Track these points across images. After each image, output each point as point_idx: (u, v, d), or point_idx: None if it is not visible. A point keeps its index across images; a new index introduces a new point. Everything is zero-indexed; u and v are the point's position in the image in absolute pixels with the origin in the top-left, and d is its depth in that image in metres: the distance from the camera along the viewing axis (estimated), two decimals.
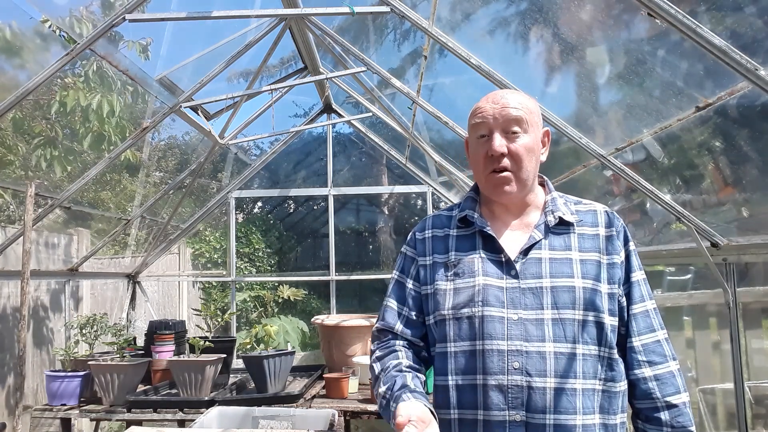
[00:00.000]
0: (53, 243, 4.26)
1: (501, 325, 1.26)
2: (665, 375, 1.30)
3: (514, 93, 1.37)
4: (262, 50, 3.43)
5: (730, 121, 2.18)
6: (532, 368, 1.23)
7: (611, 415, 1.27)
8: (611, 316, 1.29)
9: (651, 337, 1.33)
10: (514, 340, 1.25)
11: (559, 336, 1.24)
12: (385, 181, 6.22)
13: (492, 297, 1.28)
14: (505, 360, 1.24)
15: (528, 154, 1.32)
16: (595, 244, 1.33)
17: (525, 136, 1.32)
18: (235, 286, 5.52)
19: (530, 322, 1.26)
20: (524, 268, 1.30)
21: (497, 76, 2.75)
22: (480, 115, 1.34)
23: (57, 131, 3.48)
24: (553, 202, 1.38)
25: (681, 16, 1.69)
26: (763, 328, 2.71)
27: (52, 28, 2.84)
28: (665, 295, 3.59)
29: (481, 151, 1.35)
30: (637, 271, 1.35)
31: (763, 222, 2.50)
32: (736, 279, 2.63)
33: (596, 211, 1.39)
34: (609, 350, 1.28)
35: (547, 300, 1.27)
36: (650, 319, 1.34)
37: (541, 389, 1.22)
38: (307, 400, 3.19)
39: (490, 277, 1.31)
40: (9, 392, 3.69)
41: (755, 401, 2.62)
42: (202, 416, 2.28)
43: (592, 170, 3.23)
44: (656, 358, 1.31)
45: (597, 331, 1.27)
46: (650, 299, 1.35)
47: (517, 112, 1.31)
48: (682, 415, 1.28)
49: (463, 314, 1.30)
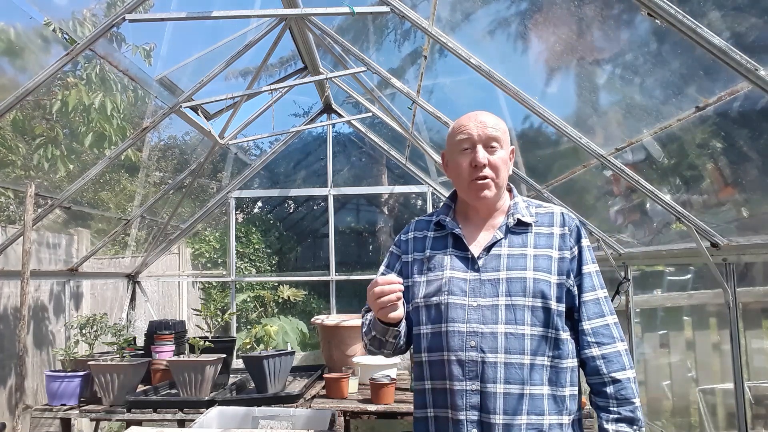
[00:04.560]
0: (53, 243, 4.26)
1: (462, 311, 1.49)
2: (612, 354, 1.49)
3: (491, 115, 1.61)
4: (262, 50, 3.43)
5: (730, 121, 2.18)
6: (486, 346, 1.46)
7: (559, 387, 1.47)
8: (558, 302, 1.49)
9: (600, 321, 1.52)
10: (472, 323, 1.48)
11: (510, 319, 1.46)
12: (385, 181, 6.22)
13: (456, 288, 1.52)
14: (464, 339, 1.48)
15: (503, 165, 1.57)
16: (548, 241, 1.55)
17: (501, 151, 1.56)
18: (235, 286, 5.53)
19: (487, 308, 1.48)
20: (485, 263, 1.53)
21: (497, 76, 2.75)
22: (465, 132, 1.57)
23: (57, 131, 3.48)
24: (515, 206, 1.61)
25: (681, 16, 1.69)
26: (763, 328, 2.72)
27: (54, 30, 2.85)
28: (665, 295, 3.59)
29: (465, 161, 1.56)
30: (589, 264, 1.55)
31: (763, 222, 2.50)
32: (736, 279, 2.63)
33: (553, 213, 1.60)
34: (555, 331, 1.48)
35: (502, 289, 1.49)
36: (600, 306, 1.53)
37: (493, 363, 1.45)
38: (307, 400, 3.19)
39: (456, 270, 1.55)
40: (9, 392, 3.69)
41: (755, 401, 2.62)
42: (202, 416, 2.28)
43: (592, 170, 3.23)
44: (604, 340, 1.50)
45: (544, 315, 1.47)
46: (601, 289, 1.55)
47: (494, 132, 1.56)
48: (626, 389, 1.46)
49: (432, 302, 1.54)
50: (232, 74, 4.05)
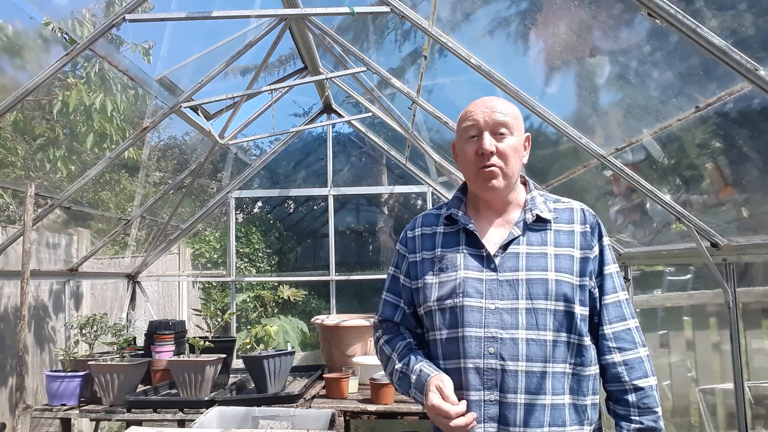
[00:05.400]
0: (53, 243, 4.26)
1: (479, 314, 1.39)
2: (634, 360, 1.40)
3: (501, 100, 1.50)
4: (262, 50, 3.43)
5: (729, 121, 2.18)
6: (505, 353, 1.35)
7: (581, 396, 1.38)
8: (581, 306, 1.40)
9: (622, 325, 1.42)
10: (490, 327, 1.37)
11: (532, 324, 1.36)
12: (384, 181, 6.22)
13: (471, 289, 1.40)
14: (481, 345, 1.37)
15: (513, 154, 1.44)
16: (570, 239, 1.44)
17: (511, 138, 1.45)
18: (235, 286, 5.52)
19: (506, 311, 1.38)
20: (502, 261, 1.42)
21: (497, 76, 2.75)
22: (471, 118, 1.46)
23: (57, 131, 3.48)
24: (533, 200, 1.49)
25: (681, 16, 1.69)
26: (763, 328, 2.71)
27: (54, 30, 2.85)
28: (665, 295, 3.59)
29: (471, 149, 1.46)
30: (610, 265, 1.45)
31: (763, 222, 2.50)
32: (736, 279, 2.63)
33: (573, 209, 1.49)
34: (578, 337, 1.39)
35: (522, 291, 1.38)
36: (621, 308, 1.43)
37: (513, 372, 1.34)
38: (307, 400, 3.19)
39: (471, 270, 1.43)
40: (9, 392, 3.69)
41: (755, 401, 2.62)
42: (202, 416, 2.28)
43: (592, 170, 3.23)
44: (626, 345, 1.41)
45: (567, 320, 1.37)
46: (622, 290, 1.45)
47: (503, 117, 1.44)
48: (648, 397, 1.38)
49: (447, 305, 1.43)
50: (232, 72, 4.05)
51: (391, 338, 1.58)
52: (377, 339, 1.62)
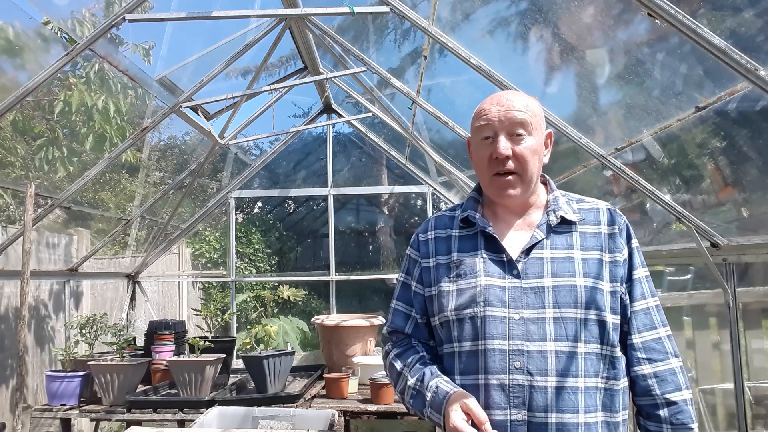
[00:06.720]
0: (53, 243, 4.26)
1: (503, 325, 1.26)
2: (665, 372, 1.29)
3: (519, 95, 1.37)
4: (262, 50, 3.44)
5: (730, 121, 2.18)
6: (533, 367, 1.23)
7: (613, 412, 1.27)
8: (613, 314, 1.29)
9: (652, 334, 1.31)
10: (515, 339, 1.25)
11: (561, 335, 1.24)
12: (384, 181, 6.21)
13: (493, 297, 1.28)
14: (506, 359, 1.25)
15: (532, 156, 1.32)
16: (597, 242, 1.33)
17: (529, 139, 1.32)
18: (235, 286, 5.52)
19: (532, 321, 1.26)
20: (526, 267, 1.30)
21: (497, 77, 2.75)
22: (485, 117, 1.33)
23: (57, 132, 3.49)
24: (555, 201, 1.37)
25: (681, 17, 1.69)
26: (763, 328, 2.71)
27: (54, 30, 2.85)
28: (665, 295, 3.58)
29: (485, 152, 1.34)
30: (640, 269, 1.34)
31: (763, 222, 2.50)
32: (736, 279, 2.63)
33: (599, 209, 1.38)
34: (611, 348, 1.28)
35: (549, 299, 1.26)
36: (651, 316, 1.33)
37: (542, 388, 1.22)
38: (307, 400, 3.19)
39: (492, 277, 1.31)
40: (9, 392, 3.69)
41: (755, 401, 2.62)
42: (202, 416, 2.28)
43: (592, 170, 3.23)
44: (656, 356, 1.30)
45: (599, 330, 1.27)
46: (652, 296, 1.34)
47: (522, 115, 1.31)
48: (682, 413, 1.27)
49: (466, 315, 1.30)
50: (233, 72, 4.05)
51: (402, 352, 1.43)
52: (386, 353, 1.48)
